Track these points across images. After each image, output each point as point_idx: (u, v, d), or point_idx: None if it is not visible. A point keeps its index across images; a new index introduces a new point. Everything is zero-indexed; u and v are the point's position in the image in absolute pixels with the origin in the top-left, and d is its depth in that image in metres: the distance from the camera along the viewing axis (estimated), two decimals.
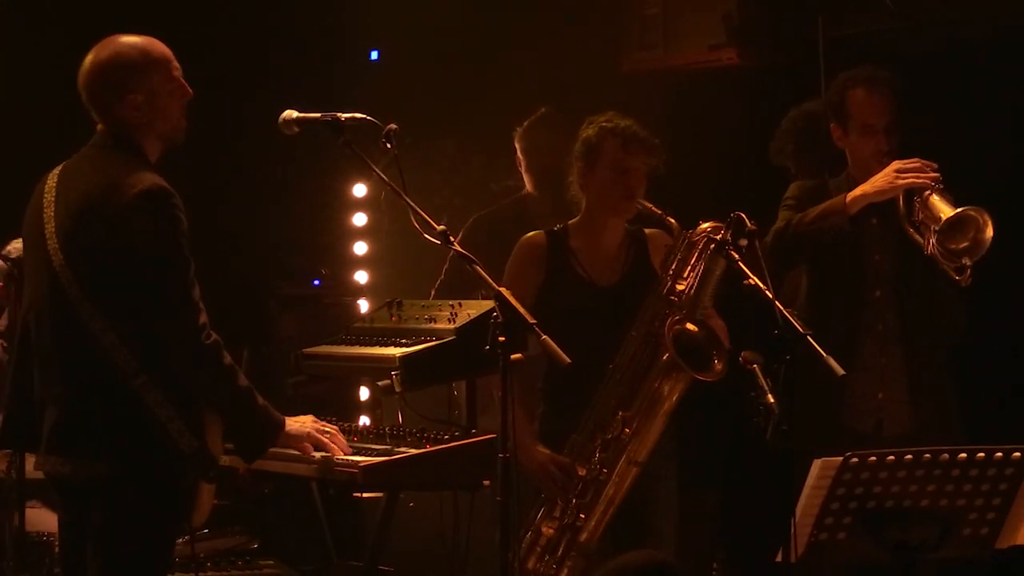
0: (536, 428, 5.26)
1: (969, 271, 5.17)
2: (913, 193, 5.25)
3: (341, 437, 4.51)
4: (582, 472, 5.08)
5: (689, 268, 5.09)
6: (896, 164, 5.30)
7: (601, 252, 5.37)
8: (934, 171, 5.24)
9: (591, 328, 5.10)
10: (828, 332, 4.77)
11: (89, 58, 4.33)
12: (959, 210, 5.10)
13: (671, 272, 5.10)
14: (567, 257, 5.36)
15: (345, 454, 4.43)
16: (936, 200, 5.18)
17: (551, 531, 5.11)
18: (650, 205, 5.19)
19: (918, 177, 5.23)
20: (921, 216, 5.22)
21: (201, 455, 4.14)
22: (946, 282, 5.25)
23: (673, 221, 5.14)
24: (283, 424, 4.35)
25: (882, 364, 5.37)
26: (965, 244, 5.12)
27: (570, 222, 5.42)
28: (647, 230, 5.37)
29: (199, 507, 4.25)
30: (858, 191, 5.33)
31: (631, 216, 5.33)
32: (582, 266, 5.35)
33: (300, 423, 4.43)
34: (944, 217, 5.10)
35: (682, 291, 5.07)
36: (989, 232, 5.09)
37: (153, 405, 4.09)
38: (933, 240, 5.14)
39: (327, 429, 4.47)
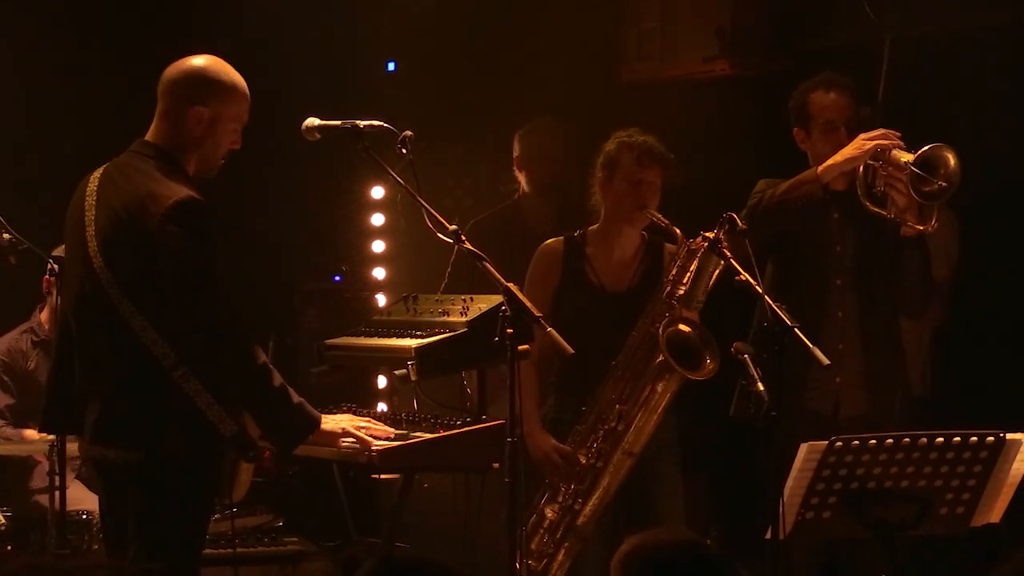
0: (543, 418, 5.28)
1: (934, 217, 5.19)
2: (874, 172, 5.22)
3: (378, 427, 4.48)
4: (583, 460, 5.10)
5: (688, 273, 5.10)
6: (861, 135, 5.31)
7: (614, 259, 5.37)
8: (898, 137, 5.25)
9: (598, 330, 5.10)
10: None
11: (186, 60, 4.32)
12: (928, 147, 5.08)
13: (671, 277, 5.11)
14: (581, 263, 5.37)
15: (386, 438, 4.42)
16: (901, 153, 5.17)
17: (554, 514, 5.14)
18: (658, 216, 5.18)
19: (883, 139, 5.24)
20: (888, 175, 5.17)
21: (241, 438, 4.15)
22: (910, 264, 5.27)
23: (678, 231, 5.13)
24: (319, 422, 4.31)
25: (840, 349, 5.32)
26: (939, 183, 5.10)
27: (589, 228, 5.42)
28: (668, 244, 5.33)
29: (239, 485, 4.27)
30: (829, 161, 5.31)
31: (643, 225, 5.34)
32: (595, 272, 5.36)
33: (335, 422, 4.41)
34: (911, 159, 5.08)
35: (681, 295, 5.08)
36: (955, 163, 5.06)
37: (193, 394, 4.09)
38: (905, 190, 5.11)
39: (362, 424, 4.44)
